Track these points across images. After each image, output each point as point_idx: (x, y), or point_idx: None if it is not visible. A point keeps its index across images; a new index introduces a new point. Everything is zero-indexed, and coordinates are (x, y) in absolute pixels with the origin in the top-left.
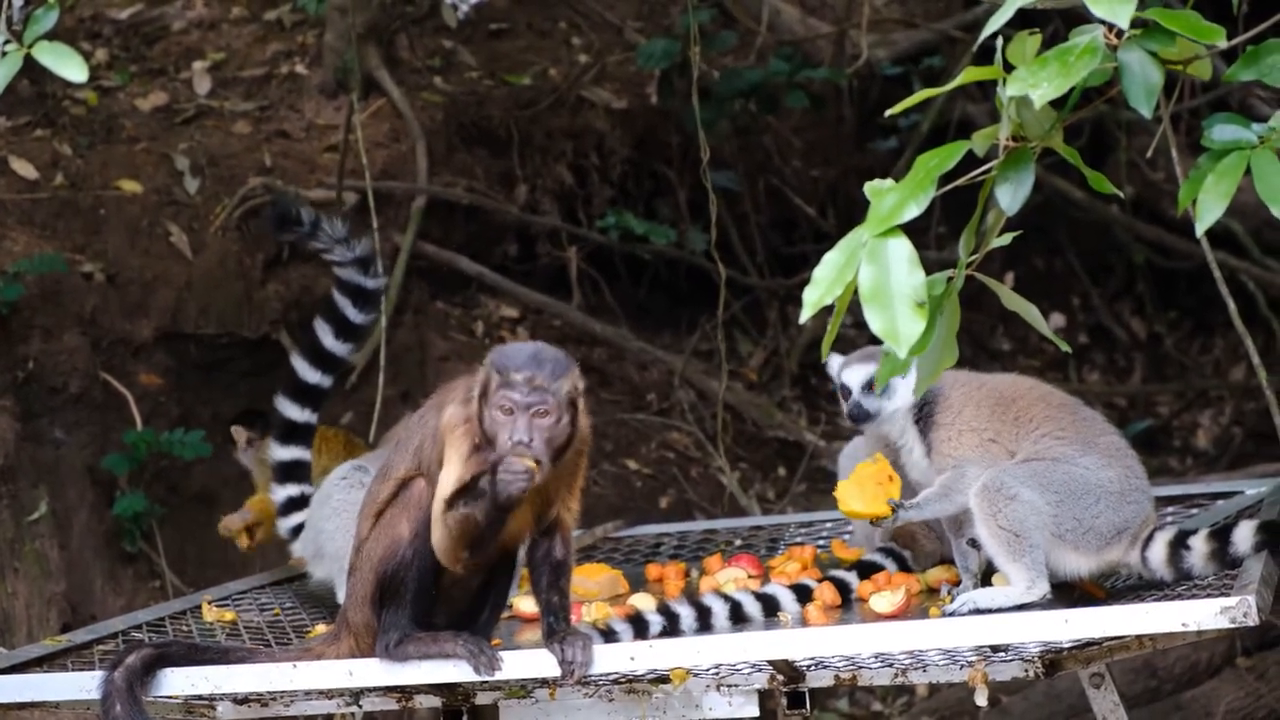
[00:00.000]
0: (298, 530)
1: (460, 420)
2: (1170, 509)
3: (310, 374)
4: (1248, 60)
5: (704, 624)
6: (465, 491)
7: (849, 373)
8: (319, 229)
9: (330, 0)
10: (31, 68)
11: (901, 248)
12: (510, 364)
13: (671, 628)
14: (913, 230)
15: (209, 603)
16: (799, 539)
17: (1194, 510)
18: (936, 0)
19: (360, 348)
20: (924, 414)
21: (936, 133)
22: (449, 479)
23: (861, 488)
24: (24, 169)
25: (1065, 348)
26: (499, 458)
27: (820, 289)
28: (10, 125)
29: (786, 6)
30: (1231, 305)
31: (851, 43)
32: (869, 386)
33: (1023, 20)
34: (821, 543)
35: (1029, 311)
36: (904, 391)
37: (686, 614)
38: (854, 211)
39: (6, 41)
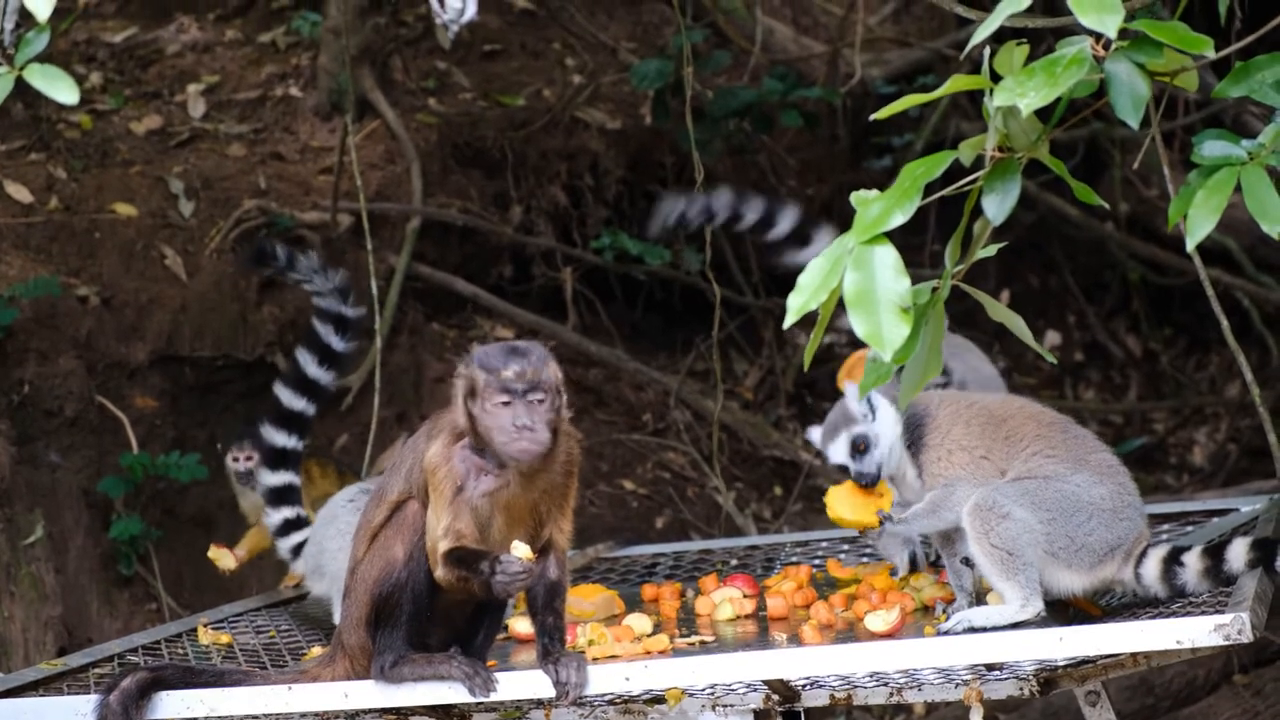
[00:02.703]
0: (298, 549)
1: (442, 461)
2: (1165, 526)
3: (295, 401)
4: (1237, 76)
5: None
6: (465, 564)
7: (833, 451)
8: (295, 262)
9: (324, 23)
10: (26, 91)
11: (887, 254)
12: (497, 362)
13: None
14: (906, 246)
15: (205, 625)
16: (795, 558)
17: (1189, 527)
18: (930, 19)
19: (344, 375)
20: (913, 436)
21: (930, 150)
22: (439, 526)
23: (853, 495)
24: (19, 192)
25: (1051, 359)
26: (498, 560)
27: (805, 295)
28: (5, 149)
29: (780, 26)
30: (1224, 322)
31: (845, 62)
32: (856, 449)
33: (1017, 37)
34: (817, 562)
35: (1015, 323)
36: (889, 430)
37: None
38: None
39: None
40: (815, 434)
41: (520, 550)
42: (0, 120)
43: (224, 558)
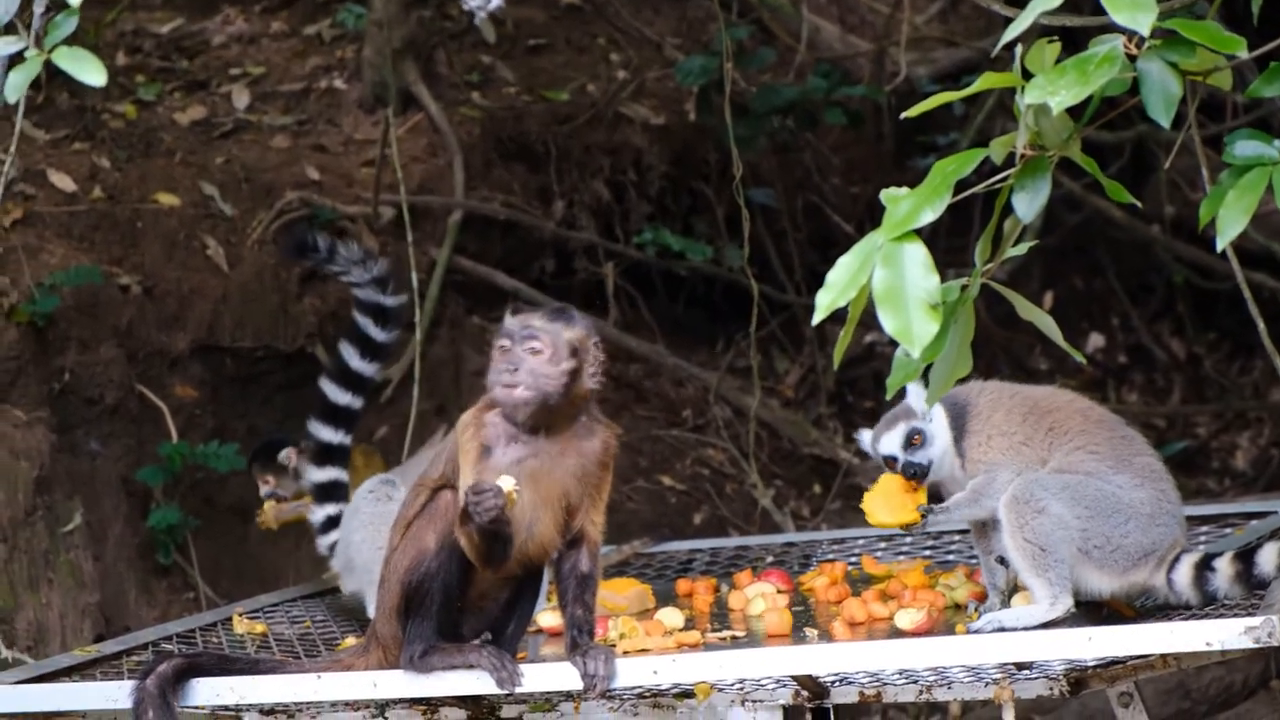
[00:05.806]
0: (334, 548)
1: (471, 423)
2: (1204, 529)
3: (340, 396)
4: (1269, 76)
5: None
6: (462, 515)
7: (885, 441)
8: (335, 253)
9: (369, 15)
10: (71, 80)
11: (916, 251)
12: (512, 313)
13: None
14: (950, 246)
15: (240, 615)
16: (831, 555)
17: (1228, 530)
18: (977, 19)
19: (387, 366)
20: (956, 425)
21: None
22: (462, 487)
23: (888, 498)
24: (62, 182)
25: (1080, 358)
26: (470, 490)
27: (833, 292)
28: (49, 138)
29: (826, 24)
30: (1261, 324)
31: (891, 60)
32: (910, 442)
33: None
34: (853, 559)
35: (1045, 322)
36: (943, 433)
37: None
38: None
39: (27, 47)
40: (865, 436)
41: (506, 484)
42: (45, 109)
43: (270, 515)
